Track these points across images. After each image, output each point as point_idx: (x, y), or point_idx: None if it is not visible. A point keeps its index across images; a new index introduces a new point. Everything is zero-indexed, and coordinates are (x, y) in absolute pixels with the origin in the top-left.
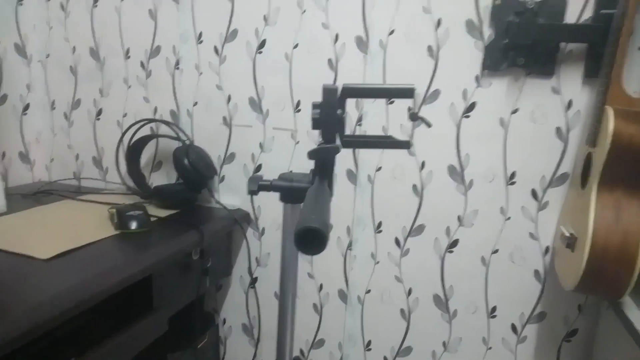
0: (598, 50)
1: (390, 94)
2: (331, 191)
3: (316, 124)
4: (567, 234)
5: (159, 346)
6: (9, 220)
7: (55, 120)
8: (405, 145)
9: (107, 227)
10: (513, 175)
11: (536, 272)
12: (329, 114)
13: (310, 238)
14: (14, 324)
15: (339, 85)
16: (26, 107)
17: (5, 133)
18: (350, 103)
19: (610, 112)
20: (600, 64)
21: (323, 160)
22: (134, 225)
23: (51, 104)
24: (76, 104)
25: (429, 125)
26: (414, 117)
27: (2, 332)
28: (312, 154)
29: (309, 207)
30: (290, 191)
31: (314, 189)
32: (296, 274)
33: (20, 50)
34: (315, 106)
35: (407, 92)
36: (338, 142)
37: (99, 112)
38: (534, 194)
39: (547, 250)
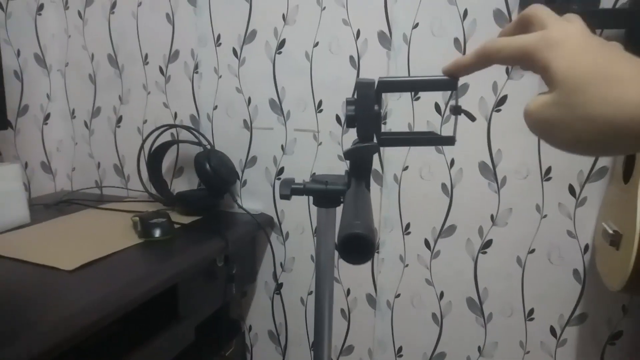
0: (637, 35)
1: (431, 86)
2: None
3: (351, 122)
4: (611, 231)
5: (185, 356)
6: (33, 231)
7: (76, 129)
8: (450, 141)
9: (131, 236)
10: (549, 170)
11: (575, 271)
12: (364, 110)
13: (355, 246)
14: (40, 338)
15: (375, 79)
16: (47, 117)
17: (27, 143)
18: None
19: None
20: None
21: (360, 161)
22: (157, 233)
23: (71, 113)
24: (96, 112)
25: (472, 119)
26: (457, 110)
27: (28, 346)
28: (348, 154)
29: (350, 211)
30: (325, 194)
31: (352, 191)
32: (332, 281)
33: (40, 60)
34: (349, 102)
35: (449, 84)
36: (375, 140)
37: (119, 120)
38: (571, 189)
39: (586, 248)
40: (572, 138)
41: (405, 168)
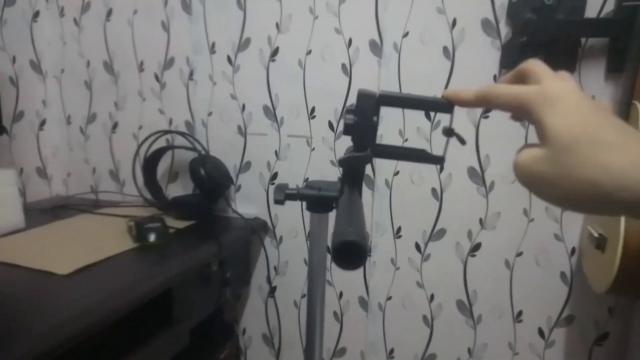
0: (621, 44)
1: (428, 106)
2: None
3: (349, 130)
4: (596, 235)
5: (180, 359)
6: (28, 236)
7: (72, 134)
8: (440, 160)
9: (126, 240)
10: None
11: (562, 274)
12: (363, 120)
13: (348, 252)
14: (37, 341)
15: (377, 91)
16: (42, 123)
17: (23, 149)
18: None
19: (639, 107)
20: (623, 58)
21: (353, 169)
22: (152, 237)
23: (67, 119)
24: (92, 118)
25: (463, 142)
26: (450, 133)
27: (23, 350)
28: (342, 162)
29: (344, 218)
30: (318, 200)
31: (345, 198)
32: (324, 284)
33: (36, 66)
34: (349, 111)
35: (446, 107)
36: (369, 151)
37: (115, 126)
38: None
39: (573, 251)
40: (559, 195)
41: (396, 173)
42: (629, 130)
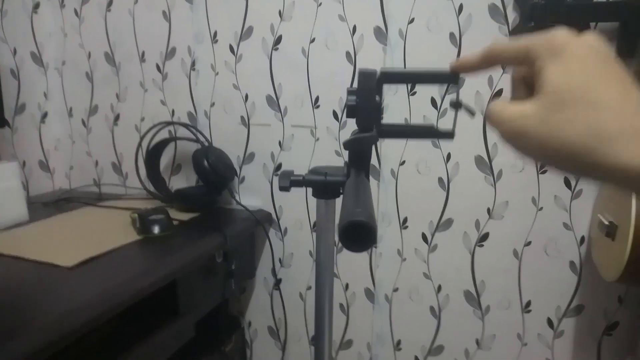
0: (631, 28)
1: (432, 78)
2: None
3: (351, 112)
4: (606, 223)
5: (185, 351)
6: (32, 229)
7: (74, 127)
8: (449, 135)
9: (130, 233)
10: None
11: (572, 263)
12: (366, 100)
13: (356, 233)
14: (41, 334)
15: (377, 69)
16: (44, 116)
17: (25, 142)
18: None
19: None
20: (634, 43)
21: (359, 151)
22: (156, 229)
23: (69, 111)
24: (93, 110)
25: (472, 114)
26: (457, 105)
27: (29, 342)
28: (347, 144)
29: (351, 200)
30: (325, 186)
31: (352, 181)
32: (332, 274)
33: (37, 58)
34: (350, 92)
35: (451, 78)
36: (374, 131)
37: (117, 118)
38: (566, 182)
39: (582, 240)
40: (545, 156)
41: (402, 163)
42: (632, 92)
